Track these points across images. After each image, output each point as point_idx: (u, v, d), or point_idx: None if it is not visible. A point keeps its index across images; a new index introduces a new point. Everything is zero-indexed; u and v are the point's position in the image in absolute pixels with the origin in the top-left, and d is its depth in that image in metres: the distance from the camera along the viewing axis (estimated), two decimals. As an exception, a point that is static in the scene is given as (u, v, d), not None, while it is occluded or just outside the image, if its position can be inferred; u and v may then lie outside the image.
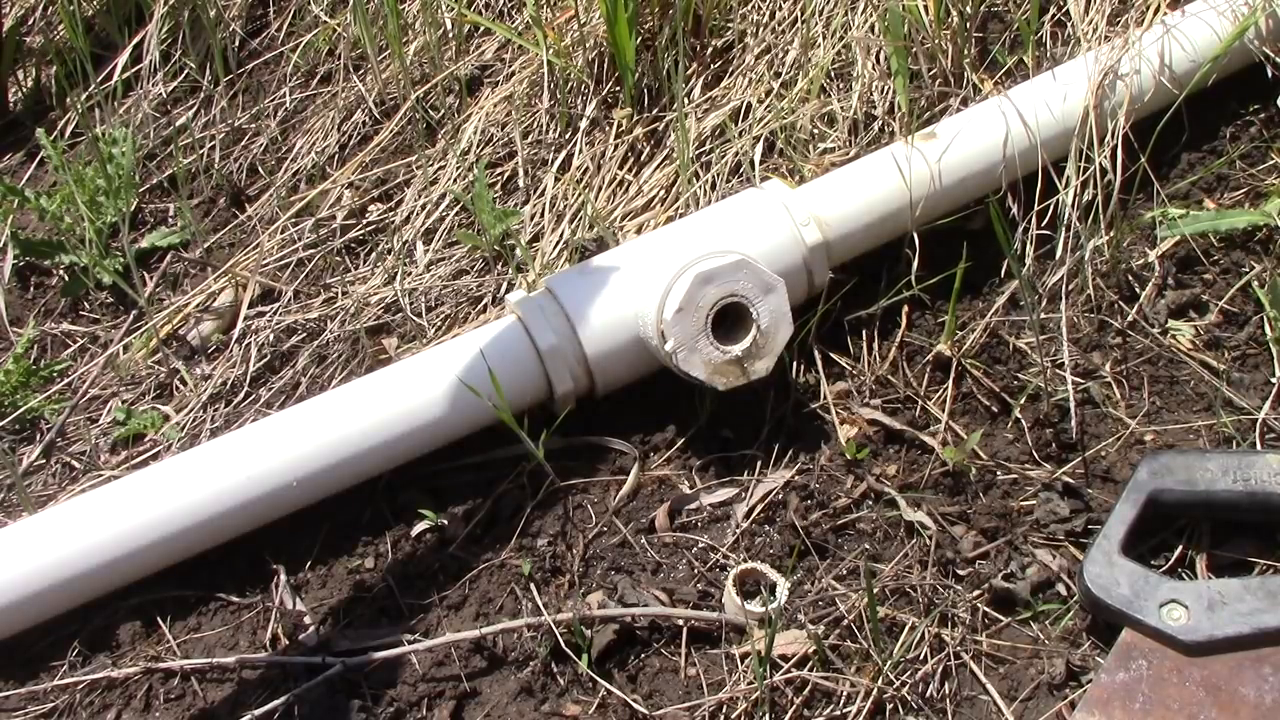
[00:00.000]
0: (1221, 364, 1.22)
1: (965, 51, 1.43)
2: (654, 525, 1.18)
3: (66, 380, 1.45)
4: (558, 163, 1.50)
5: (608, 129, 1.49)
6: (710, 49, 1.52)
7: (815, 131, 1.43)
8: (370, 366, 1.35)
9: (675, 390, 1.25)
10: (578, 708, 1.05)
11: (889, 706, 1.01)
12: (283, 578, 1.17)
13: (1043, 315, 1.26)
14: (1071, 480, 1.15)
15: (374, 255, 1.50)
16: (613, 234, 1.41)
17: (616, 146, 1.48)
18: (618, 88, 1.50)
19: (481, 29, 1.67)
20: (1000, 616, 1.07)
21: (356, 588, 1.17)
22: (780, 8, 1.52)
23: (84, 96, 1.72)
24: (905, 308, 1.30)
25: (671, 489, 1.21)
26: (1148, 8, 1.40)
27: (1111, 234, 1.29)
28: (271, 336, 1.43)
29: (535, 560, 1.15)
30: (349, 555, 1.20)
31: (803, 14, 1.49)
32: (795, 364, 1.28)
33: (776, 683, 1.02)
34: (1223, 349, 1.24)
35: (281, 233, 1.53)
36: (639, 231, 1.41)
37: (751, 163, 1.41)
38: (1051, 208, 1.31)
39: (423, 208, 1.51)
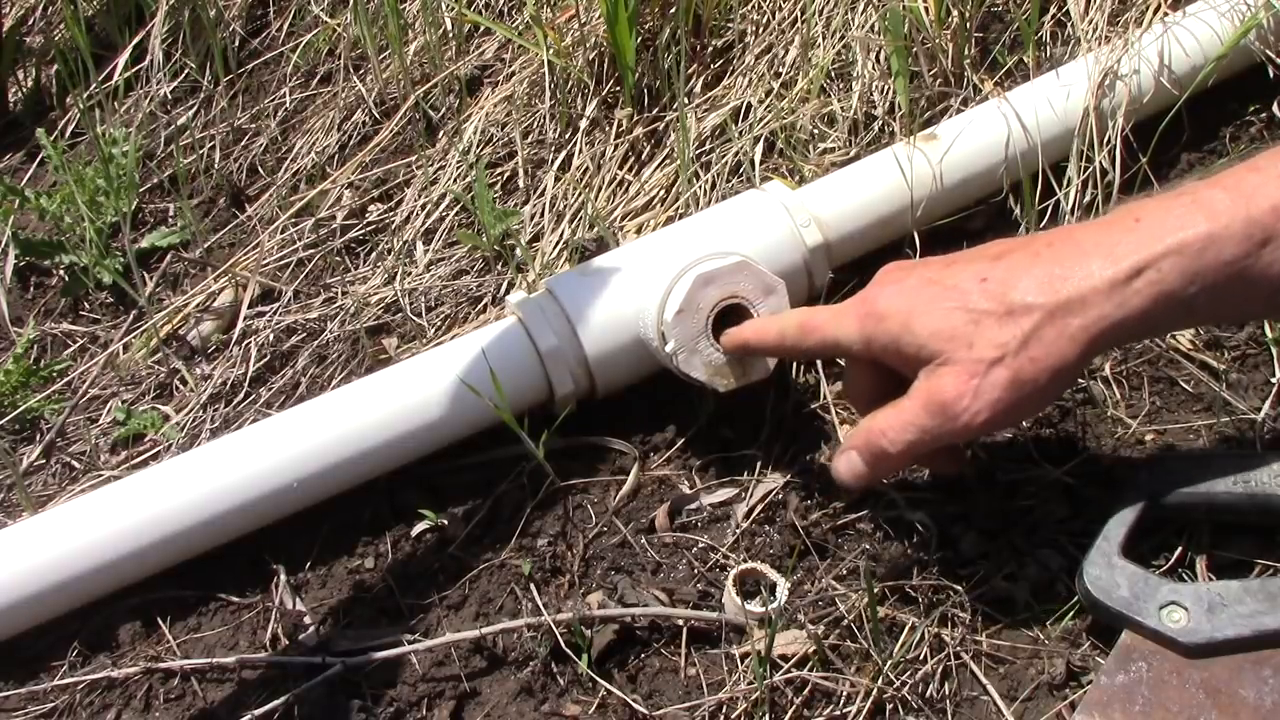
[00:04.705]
0: (1221, 364, 1.22)
1: (965, 51, 1.43)
2: (654, 525, 1.18)
3: (66, 380, 1.45)
4: (558, 163, 1.50)
5: (608, 129, 1.49)
6: (710, 49, 1.52)
7: (815, 132, 1.43)
8: (370, 366, 1.35)
9: (675, 390, 1.25)
10: (578, 708, 1.05)
11: (889, 706, 1.01)
12: (283, 578, 1.17)
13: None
14: (1071, 480, 1.14)
15: (374, 255, 1.50)
16: (613, 234, 1.41)
17: (617, 146, 1.48)
18: (618, 88, 1.50)
19: (481, 29, 1.67)
20: (1000, 616, 1.07)
21: (356, 588, 1.17)
22: (780, 8, 1.52)
23: (85, 96, 1.72)
24: (905, 308, 1.30)
25: (671, 489, 1.21)
26: (1148, 8, 1.40)
27: (1112, 234, 1.29)
28: (271, 336, 1.43)
29: (535, 560, 1.15)
30: (349, 555, 1.20)
31: (803, 14, 1.49)
32: (795, 364, 1.28)
33: (776, 683, 1.02)
34: (1222, 349, 1.24)
35: (281, 233, 1.53)
36: (639, 231, 1.41)
37: (752, 163, 1.41)
38: (1052, 208, 1.31)
39: (423, 208, 1.51)
